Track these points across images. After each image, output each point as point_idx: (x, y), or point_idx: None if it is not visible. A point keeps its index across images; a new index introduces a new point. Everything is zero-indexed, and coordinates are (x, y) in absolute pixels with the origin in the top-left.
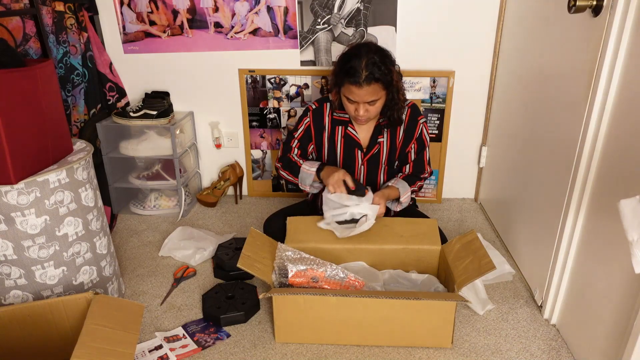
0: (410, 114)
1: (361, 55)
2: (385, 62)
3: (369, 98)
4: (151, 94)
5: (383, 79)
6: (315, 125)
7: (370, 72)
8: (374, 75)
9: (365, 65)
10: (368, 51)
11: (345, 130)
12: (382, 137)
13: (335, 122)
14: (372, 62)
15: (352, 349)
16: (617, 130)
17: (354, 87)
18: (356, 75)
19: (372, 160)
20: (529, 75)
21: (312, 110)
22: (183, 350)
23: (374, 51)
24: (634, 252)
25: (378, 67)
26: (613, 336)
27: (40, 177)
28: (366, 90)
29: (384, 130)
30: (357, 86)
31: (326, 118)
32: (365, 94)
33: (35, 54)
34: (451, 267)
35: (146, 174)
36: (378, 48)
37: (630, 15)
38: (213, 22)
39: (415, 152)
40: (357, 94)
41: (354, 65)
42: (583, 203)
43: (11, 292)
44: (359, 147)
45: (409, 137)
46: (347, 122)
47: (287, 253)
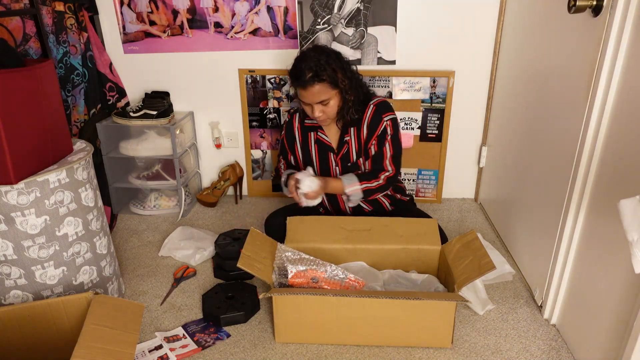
0: (374, 111)
1: (306, 58)
2: (329, 62)
3: (317, 99)
4: (151, 94)
5: (328, 79)
6: (287, 138)
7: (315, 73)
8: (318, 76)
9: (309, 67)
10: (315, 53)
11: (317, 136)
12: (348, 136)
13: (307, 129)
14: (316, 63)
15: (352, 349)
16: (617, 130)
17: (301, 89)
18: (301, 77)
19: (344, 159)
20: (529, 75)
21: (286, 123)
22: (183, 350)
23: (319, 52)
24: (634, 252)
25: (322, 67)
26: (613, 336)
27: (40, 177)
28: (312, 92)
29: (350, 128)
30: (303, 88)
31: (295, 128)
32: (313, 95)
33: (35, 54)
34: (451, 267)
35: (146, 174)
36: (325, 49)
37: (630, 15)
38: (213, 22)
39: (375, 149)
40: (305, 96)
41: (300, 68)
42: (583, 203)
43: (11, 292)
44: (331, 150)
45: (371, 134)
46: (317, 128)
47: (287, 254)
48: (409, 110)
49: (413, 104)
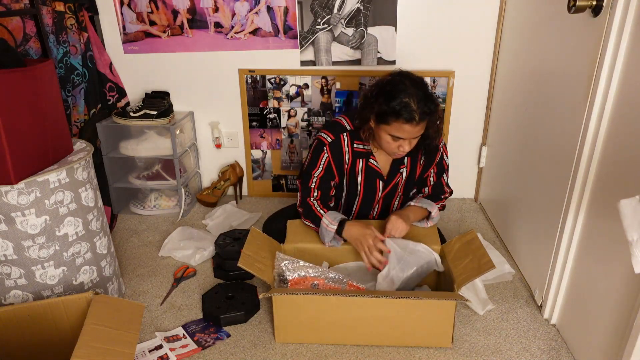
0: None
1: (408, 91)
2: (429, 94)
3: (420, 133)
4: (151, 94)
5: (434, 111)
6: (335, 160)
7: (423, 109)
8: (427, 111)
9: (419, 102)
10: (413, 84)
11: (367, 163)
12: (403, 167)
13: (356, 155)
14: (423, 97)
15: (352, 349)
16: (617, 130)
17: (407, 125)
18: (412, 113)
19: (392, 189)
20: (529, 75)
21: (328, 144)
22: (183, 350)
23: (417, 84)
24: (634, 252)
25: (430, 100)
26: (613, 336)
27: (40, 177)
28: (420, 127)
29: (405, 158)
30: (413, 124)
31: (346, 150)
32: (419, 130)
33: (35, 54)
34: (451, 266)
35: (146, 174)
36: (417, 78)
37: (630, 15)
38: (213, 22)
39: (435, 176)
40: (410, 132)
41: (407, 103)
42: (583, 203)
43: (11, 292)
44: (380, 178)
45: (429, 162)
46: (368, 154)
47: (285, 262)
48: None
49: None
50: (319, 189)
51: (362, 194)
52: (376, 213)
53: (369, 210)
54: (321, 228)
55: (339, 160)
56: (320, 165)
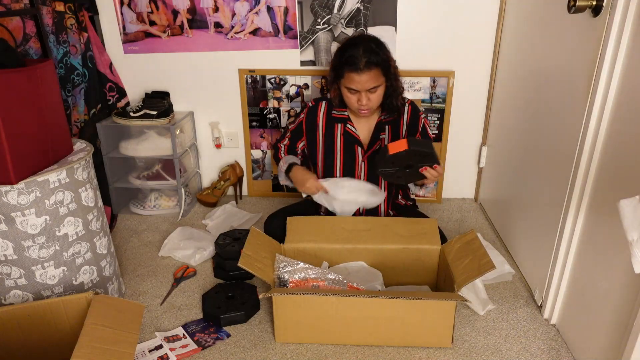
0: (411, 110)
1: (358, 44)
2: (381, 48)
3: (370, 85)
4: (151, 94)
5: (382, 64)
6: (307, 124)
7: (369, 57)
8: (373, 60)
9: (364, 52)
10: (364, 39)
11: (345, 128)
12: (383, 134)
13: (334, 120)
14: (370, 49)
15: (352, 349)
16: (617, 130)
17: (354, 74)
18: (356, 62)
19: (373, 156)
20: (529, 75)
21: (308, 107)
22: (183, 350)
23: (369, 39)
24: (634, 252)
25: (375, 52)
26: (613, 336)
27: (40, 177)
28: (367, 76)
29: (385, 126)
30: (358, 73)
31: (320, 117)
32: (367, 81)
33: (35, 54)
34: (451, 267)
35: (146, 174)
36: (373, 37)
37: (630, 15)
38: (213, 22)
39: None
40: (358, 81)
41: (353, 54)
42: (583, 203)
43: (11, 292)
44: (359, 144)
45: (413, 132)
46: (346, 120)
47: (285, 264)
48: None
49: None
50: (290, 139)
51: (342, 159)
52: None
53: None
54: (279, 167)
55: (312, 124)
56: (297, 123)
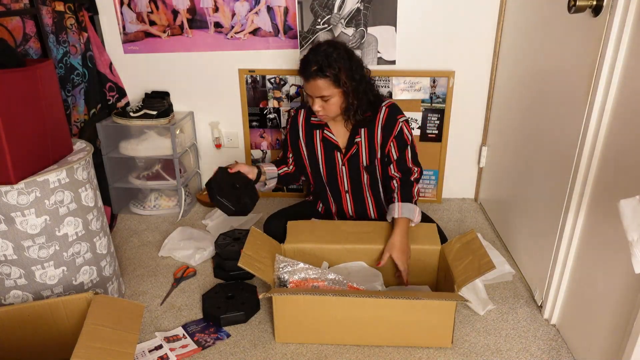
0: (388, 113)
1: (316, 51)
2: (337, 60)
3: (318, 93)
4: (151, 94)
5: (331, 77)
6: (291, 134)
7: (319, 67)
8: (322, 71)
9: (315, 61)
10: (327, 47)
11: (323, 134)
12: (359, 137)
13: (312, 127)
14: (323, 58)
15: (352, 349)
16: (617, 130)
17: (304, 80)
18: (306, 69)
19: (352, 160)
20: (529, 75)
21: (290, 118)
22: (183, 350)
23: (332, 47)
24: (634, 252)
25: (328, 63)
26: (613, 336)
27: (40, 177)
28: (314, 85)
29: (360, 129)
30: (306, 80)
31: (300, 125)
32: (314, 89)
33: (35, 54)
34: (451, 267)
35: (146, 174)
36: (338, 46)
37: (630, 15)
38: (213, 22)
39: (397, 151)
40: (307, 88)
41: (307, 59)
42: (583, 203)
43: (11, 292)
44: (337, 149)
45: (387, 135)
46: (323, 126)
47: (285, 264)
48: (409, 110)
49: (413, 104)
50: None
51: (325, 165)
52: (348, 187)
53: (337, 185)
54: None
55: (294, 133)
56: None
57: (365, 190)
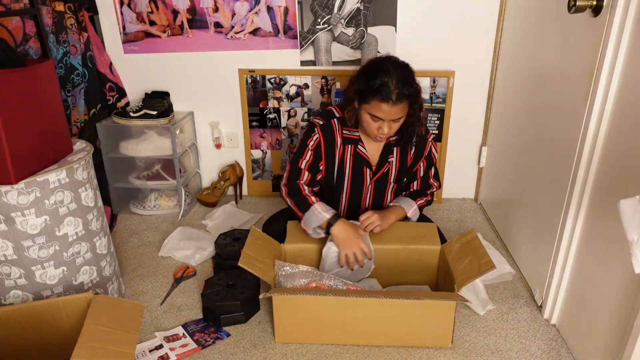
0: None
1: (389, 71)
2: (411, 77)
3: (397, 115)
4: (151, 94)
5: (413, 96)
6: (326, 142)
7: (402, 89)
8: (405, 93)
9: (397, 83)
10: (395, 67)
11: (355, 149)
12: (392, 157)
13: (345, 141)
14: (403, 79)
15: (352, 349)
16: (617, 130)
17: (385, 104)
18: (389, 93)
19: (381, 179)
20: (529, 76)
21: (319, 125)
22: (183, 350)
23: (400, 66)
24: (634, 252)
25: (409, 84)
26: (613, 336)
27: (40, 177)
28: (397, 108)
29: (394, 148)
30: (389, 104)
31: (337, 135)
32: (396, 112)
33: (35, 54)
34: (451, 267)
35: (146, 174)
36: (401, 62)
37: (630, 15)
38: (213, 22)
39: (424, 170)
40: (388, 112)
41: (385, 82)
42: (583, 203)
43: (11, 292)
44: (367, 166)
45: (419, 155)
46: (357, 141)
47: (285, 268)
48: None
49: None
50: (309, 171)
51: (350, 181)
52: (368, 204)
53: (359, 201)
54: (310, 213)
55: (330, 141)
56: (310, 146)
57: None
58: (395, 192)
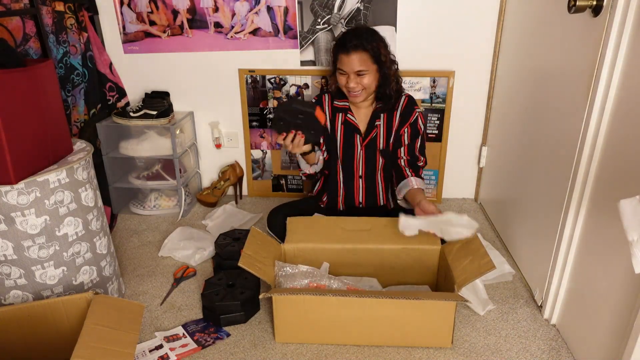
0: (407, 101)
1: (355, 29)
2: (374, 38)
3: (357, 67)
4: (151, 94)
5: (370, 51)
6: None
7: (358, 41)
8: (361, 44)
9: (355, 35)
10: (360, 27)
11: (345, 117)
12: (379, 121)
13: (335, 110)
14: (360, 34)
15: (352, 349)
16: (617, 130)
17: (343, 55)
18: (345, 43)
19: (370, 144)
20: (529, 75)
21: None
22: (183, 350)
23: (365, 28)
24: (634, 252)
25: (366, 39)
26: (613, 336)
27: (40, 177)
28: (354, 58)
29: (381, 114)
30: (346, 53)
31: (326, 107)
32: (354, 62)
33: (35, 54)
34: (451, 267)
35: (146, 174)
36: (370, 28)
37: (630, 15)
38: (213, 22)
39: (409, 137)
40: (346, 63)
41: (345, 36)
42: (583, 203)
43: (11, 292)
44: (357, 132)
45: (404, 121)
46: (346, 110)
47: (286, 269)
48: None
49: None
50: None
51: (342, 148)
52: (362, 172)
53: (352, 168)
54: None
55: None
56: None
57: (378, 176)
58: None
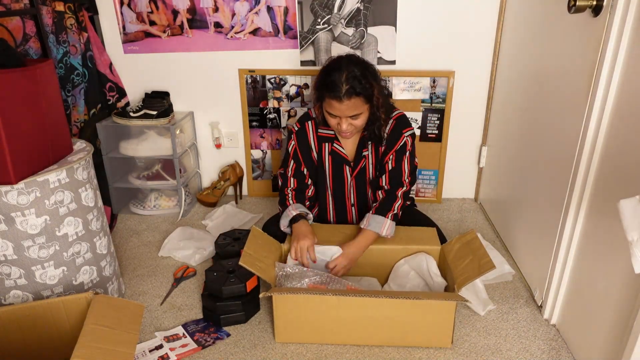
0: (394, 126)
1: (342, 69)
2: (366, 76)
3: (350, 112)
4: (151, 94)
5: (364, 93)
6: (301, 147)
7: (351, 85)
8: (355, 90)
9: (346, 79)
10: (349, 64)
11: (332, 147)
12: (366, 150)
13: (321, 140)
14: (353, 76)
15: (352, 349)
16: (617, 130)
17: (334, 101)
18: (336, 89)
19: (360, 174)
20: (529, 75)
21: (295, 132)
22: (183, 350)
23: (354, 63)
24: (634, 252)
25: (359, 80)
26: (613, 336)
27: (40, 177)
28: (347, 105)
29: (368, 143)
30: (338, 100)
31: (310, 137)
32: (347, 109)
33: (35, 54)
34: (451, 267)
35: (146, 174)
36: (359, 60)
37: (630, 15)
38: (213, 22)
39: (393, 161)
40: (339, 109)
41: (334, 79)
42: (583, 203)
43: (11, 292)
44: (346, 163)
45: (389, 148)
46: (332, 139)
47: (286, 269)
48: (409, 110)
49: (413, 104)
50: (295, 177)
51: (332, 179)
52: (354, 201)
53: (343, 198)
54: (284, 214)
55: (305, 147)
56: (290, 154)
57: (370, 204)
58: (373, 188)
